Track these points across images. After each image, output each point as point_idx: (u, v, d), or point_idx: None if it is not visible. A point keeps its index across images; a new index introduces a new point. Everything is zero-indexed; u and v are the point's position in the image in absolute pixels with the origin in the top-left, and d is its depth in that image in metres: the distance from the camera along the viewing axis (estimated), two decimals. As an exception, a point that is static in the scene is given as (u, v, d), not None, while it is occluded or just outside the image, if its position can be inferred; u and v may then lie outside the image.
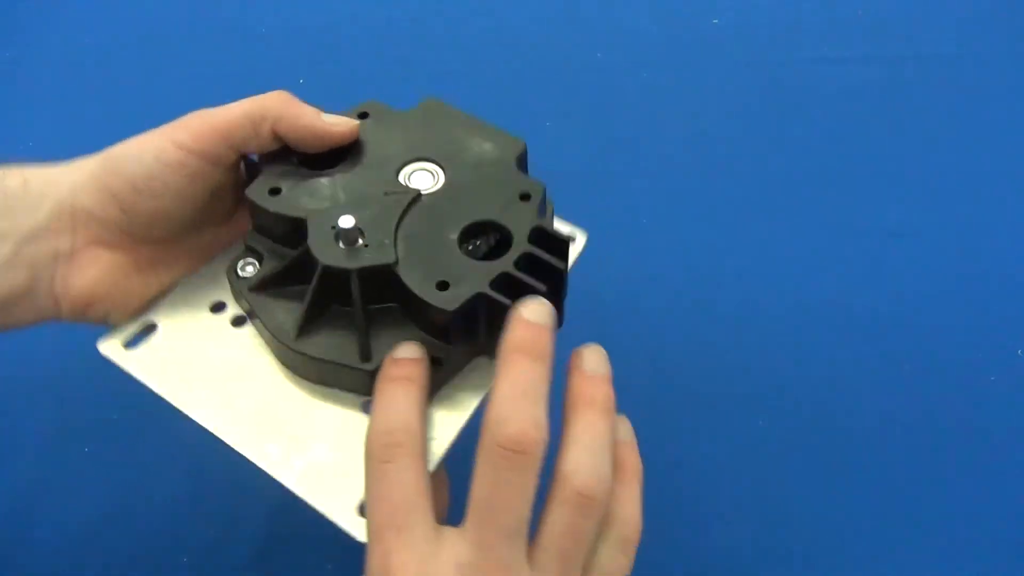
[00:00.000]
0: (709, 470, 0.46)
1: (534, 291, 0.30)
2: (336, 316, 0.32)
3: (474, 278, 0.30)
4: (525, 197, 0.34)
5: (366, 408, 0.32)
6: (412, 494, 0.28)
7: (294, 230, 0.33)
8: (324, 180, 0.34)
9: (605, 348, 0.34)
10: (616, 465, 0.30)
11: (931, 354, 0.49)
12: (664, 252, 0.54)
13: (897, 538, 0.44)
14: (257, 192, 0.34)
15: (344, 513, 0.30)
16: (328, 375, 0.33)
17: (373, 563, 0.28)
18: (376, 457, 0.29)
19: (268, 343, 0.34)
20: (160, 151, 0.32)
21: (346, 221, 0.31)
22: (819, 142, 0.58)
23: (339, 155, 0.36)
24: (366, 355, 0.31)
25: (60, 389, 0.51)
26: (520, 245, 0.32)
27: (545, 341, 0.29)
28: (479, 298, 0.30)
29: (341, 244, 0.32)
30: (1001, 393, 0.48)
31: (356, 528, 0.29)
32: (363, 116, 0.37)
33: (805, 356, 0.50)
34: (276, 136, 0.34)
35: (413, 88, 0.62)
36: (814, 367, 0.49)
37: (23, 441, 0.49)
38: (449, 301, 0.30)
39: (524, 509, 0.27)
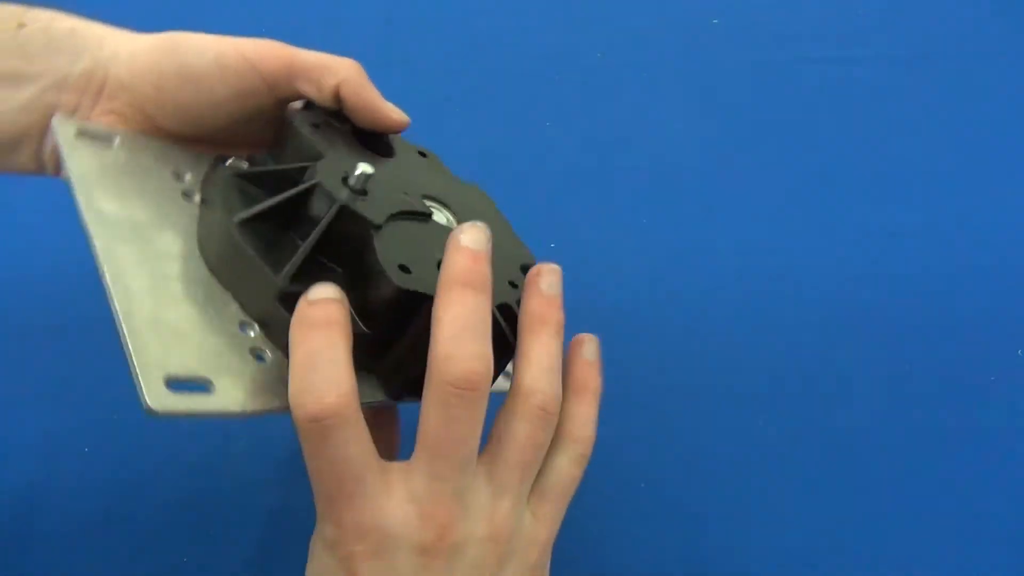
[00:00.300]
0: (708, 470, 0.46)
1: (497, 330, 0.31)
2: (286, 243, 0.31)
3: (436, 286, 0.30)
4: (524, 268, 0.34)
5: (243, 328, 0.30)
6: (358, 464, 0.27)
7: (307, 164, 0.32)
8: (359, 151, 0.35)
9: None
10: (579, 385, 0.32)
11: (931, 354, 0.49)
12: (663, 251, 0.54)
13: (896, 538, 0.44)
14: (300, 116, 0.34)
15: (152, 377, 0.27)
16: (238, 277, 0.31)
17: (326, 532, 0.28)
18: (310, 433, 0.26)
19: (204, 228, 0.32)
20: (222, 54, 0.32)
21: (365, 168, 0.30)
22: (819, 142, 0.58)
23: (386, 152, 0.36)
24: (290, 275, 0.29)
25: (60, 389, 0.51)
26: (497, 298, 0.31)
27: (485, 270, 0.29)
28: (427, 301, 0.29)
29: (344, 185, 0.31)
30: (1001, 393, 0.48)
31: (153, 396, 0.26)
32: (420, 153, 0.39)
33: (805, 356, 0.50)
34: (336, 97, 0.34)
35: (415, 88, 0.62)
36: (814, 367, 0.49)
37: (23, 441, 0.49)
38: (402, 280, 0.29)
39: (475, 440, 0.28)
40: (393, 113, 0.35)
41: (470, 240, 0.29)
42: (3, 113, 0.31)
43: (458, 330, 0.27)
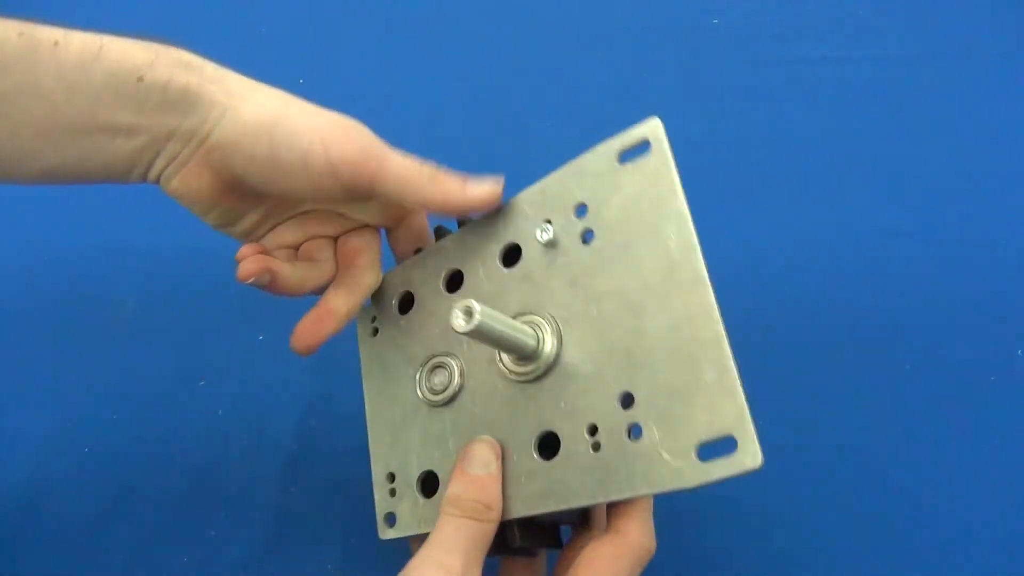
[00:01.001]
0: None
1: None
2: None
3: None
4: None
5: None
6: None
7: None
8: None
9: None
10: None
11: (931, 354, 0.49)
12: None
13: (896, 538, 0.44)
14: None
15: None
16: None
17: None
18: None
19: None
20: (310, 153, 0.35)
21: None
22: (819, 142, 0.58)
23: None
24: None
25: (60, 389, 0.51)
26: None
27: None
28: None
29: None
30: (1001, 393, 0.48)
31: (755, 455, 0.28)
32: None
33: (804, 356, 0.50)
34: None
35: (415, 87, 0.62)
36: (813, 366, 0.49)
37: (23, 441, 0.49)
38: None
39: None
40: (477, 192, 0.37)
41: None
42: (118, 158, 0.35)
43: (651, 515, 0.34)
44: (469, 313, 0.30)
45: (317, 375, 0.51)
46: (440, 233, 0.40)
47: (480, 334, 0.31)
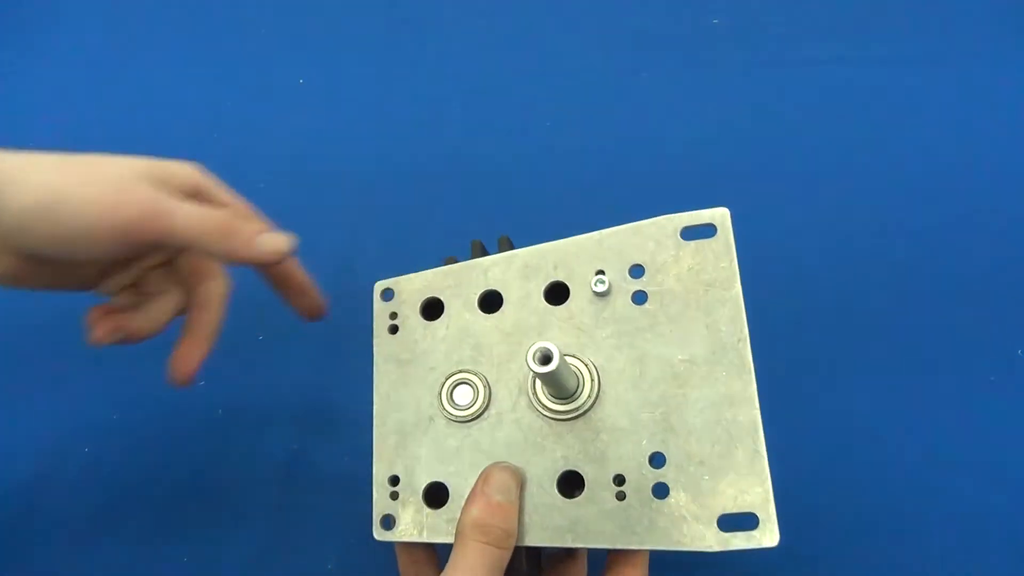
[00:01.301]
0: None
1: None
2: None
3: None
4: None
5: None
6: None
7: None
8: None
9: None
10: None
11: (931, 354, 0.49)
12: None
13: (895, 537, 0.44)
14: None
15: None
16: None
17: None
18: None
19: None
20: (93, 227, 0.34)
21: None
22: (819, 142, 0.58)
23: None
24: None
25: (60, 389, 0.51)
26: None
27: None
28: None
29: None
30: (1001, 393, 0.48)
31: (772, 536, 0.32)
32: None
33: (804, 355, 0.50)
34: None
35: (415, 87, 0.63)
36: (812, 365, 0.49)
37: (23, 441, 0.49)
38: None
39: None
40: (265, 247, 0.36)
41: None
42: None
43: None
44: (547, 359, 0.31)
45: (317, 375, 0.51)
46: (504, 246, 0.41)
47: (547, 377, 0.32)
